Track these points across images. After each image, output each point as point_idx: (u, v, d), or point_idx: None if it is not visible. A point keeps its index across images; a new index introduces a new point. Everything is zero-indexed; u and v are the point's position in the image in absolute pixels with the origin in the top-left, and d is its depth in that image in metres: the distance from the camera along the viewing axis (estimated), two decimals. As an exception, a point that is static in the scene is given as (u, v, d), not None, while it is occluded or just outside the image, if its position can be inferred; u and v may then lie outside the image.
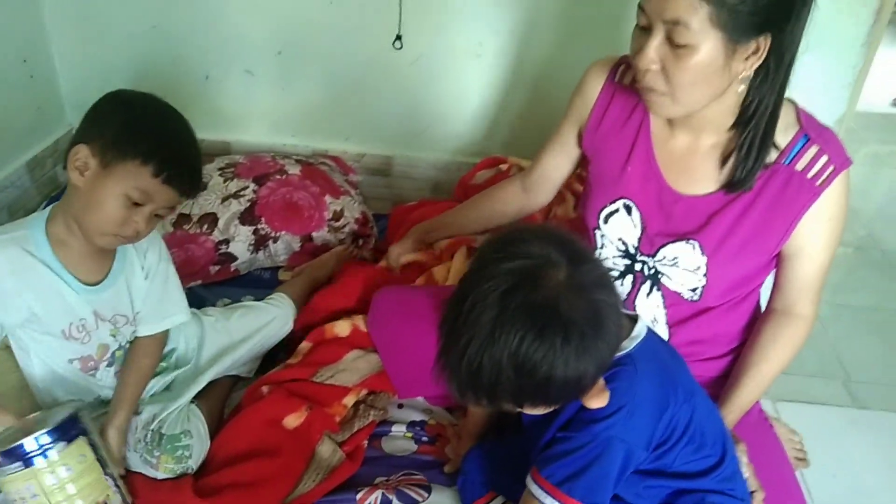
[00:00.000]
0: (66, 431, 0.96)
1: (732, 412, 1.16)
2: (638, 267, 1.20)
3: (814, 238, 1.10)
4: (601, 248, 1.23)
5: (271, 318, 1.43)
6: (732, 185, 1.09)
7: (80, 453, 0.98)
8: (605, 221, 1.20)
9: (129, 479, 1.14)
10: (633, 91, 1.16)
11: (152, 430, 1.17)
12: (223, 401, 1.38)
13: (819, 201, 1.07)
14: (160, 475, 1.16)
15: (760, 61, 1.00)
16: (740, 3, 0.93)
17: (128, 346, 1.20)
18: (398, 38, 1.80)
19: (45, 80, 1.92)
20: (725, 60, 0.98)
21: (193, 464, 1.19)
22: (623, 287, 1.22)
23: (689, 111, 1.05)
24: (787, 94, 1.05)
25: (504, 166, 1.75)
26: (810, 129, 1.07)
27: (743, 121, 1.06)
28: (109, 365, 1.18)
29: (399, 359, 1.33)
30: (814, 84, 1.72)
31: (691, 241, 1.13)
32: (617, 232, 1.20)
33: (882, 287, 2.54)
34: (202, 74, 1.92)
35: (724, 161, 1.10)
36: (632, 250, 1.20)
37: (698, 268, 1.13)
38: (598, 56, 1.77)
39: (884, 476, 1.61)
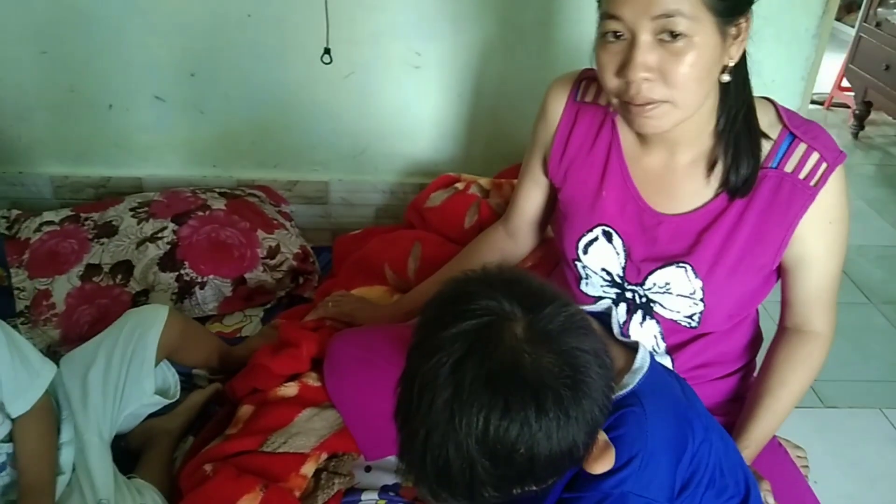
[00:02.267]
0: None
1: (751, 445, 1.04)
2: (629, 296, 1.07)
3: (815, 245, 0.98)
4: (586, 279, 1.10)
5: (125, 320, 1.20)
6: (732, 193, 0.97)
7: None
8: (585, 251, 1.07)
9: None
10: (599, 107, 1.04)
11: None
12: (167, 469, 1.18)
13: (815, 203, 0.95)
14: None
15: (743, 47, 0.90)
16: None
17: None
18: (327, 51, 1.62)
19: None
20: (721, 47, 0.87)
21: None
22: (617, 316, 1.08)
23: (690, 115, 0.92)
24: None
25: (460, 185, 1.59)
26: (795, 127, 0.96)
27: (726, 121, 0.95)
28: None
29: (363, 414, 1.15)
30: (772, 78, 1.67)
31: (682, 265, 1.00)
32: (599, 262, 1.07)
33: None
34: (104, 103, 1.69)
35: (710, 171, 0.98)
36: (618, 279, 1.07)
37: (693, 292, 1.01)
38: (547, 60, 1.70)
39: (859, 475, 1.58)
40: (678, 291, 1.02)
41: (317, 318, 1.34)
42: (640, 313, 1.07)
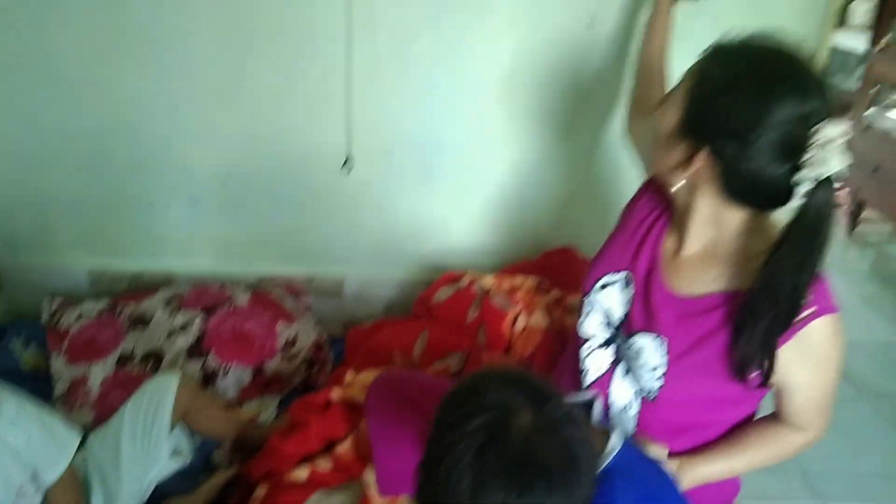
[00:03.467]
0: None
1: (684, 468, 1.11)
2: (617, 343, 1.18)
3: (798, 378, 1.05)
4: (587, 315, 1.21)
5: (143, 389, 1.34)
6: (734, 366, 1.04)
7: None
8: (602, 288, 1.19)
9: None
10: None
11: None
12: None
13: (795, 339, 1.00)
14: None
15: (690, 172, 1.01)
16: (700, 107, 0.98)
17: None
18: (347, 160, 1.80)
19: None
20: (671, 141, 1.02)
21: None
22: (605, 358, 1.19)
23: (650, 167, 1.11)
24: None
25: (465, 282, 1.73)
26: None
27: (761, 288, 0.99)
28: None
29: (388, 449, 1.26)
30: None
31: (660, 337, 1.10)
32: (607, 302, 1.18)
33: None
34: (146, 203, 1.86)
35: (709, 272, 1.09)
36: (614, 322, 1.18)
37: (656, 368, 1.10)
38: (544, 177, 1.86)
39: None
40: (646, 360, 1.10)
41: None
42: (623, 364, 1.16)
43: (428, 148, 1.82)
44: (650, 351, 1.11)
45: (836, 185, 0.93)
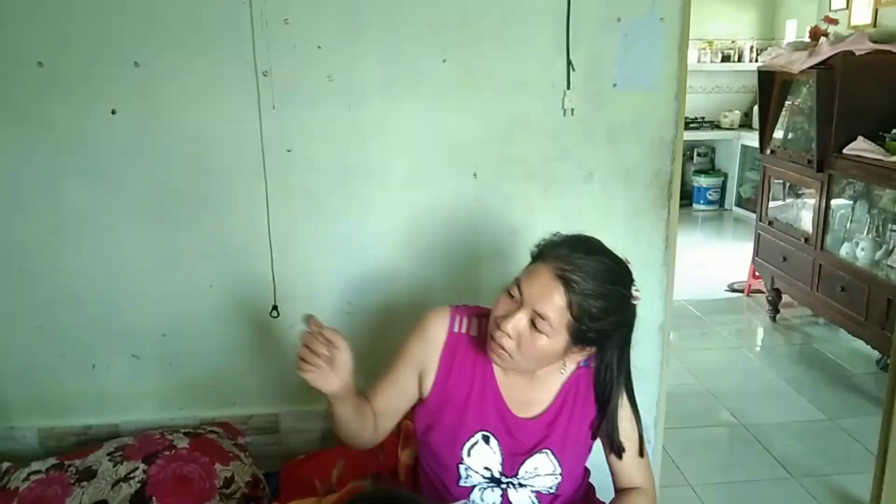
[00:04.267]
0: None
1: None
2: (504, 486, 1.37)
3: (622, 424, 1.37)
4: (466, 478, 1.39)
5: None
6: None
7: None
8: (469, 454, 1.37)
9: None
10: (472, 337, 1.39)
11: None
12: None
13: None
14: None
15: (587, 355, 1.32)
16: (588, 329, 1.23)
17: None
18: (275, 307, 2.01)
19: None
20: (564, 352, 1.27)
21: None
22: (496, 492, 1.38)
23: (524, 371, 1.33)
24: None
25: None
26: None
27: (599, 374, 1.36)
28: None
29: None
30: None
31: (544, 451, 1.34)
32: (481, 462, 1.37)
33: (752, 460, 2.79)
34: (88, 364, 2.03)
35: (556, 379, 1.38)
36: (497, 475, 1.37)
37: (555, 470, 1.35)
38: (452, 301, 2.07)
39: None
40: (545, 472, 1.34)
41: None
42: (512, 489, 1.37)
43: (346, 289, 2.04)
44: (544, 463, 1.35)
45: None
